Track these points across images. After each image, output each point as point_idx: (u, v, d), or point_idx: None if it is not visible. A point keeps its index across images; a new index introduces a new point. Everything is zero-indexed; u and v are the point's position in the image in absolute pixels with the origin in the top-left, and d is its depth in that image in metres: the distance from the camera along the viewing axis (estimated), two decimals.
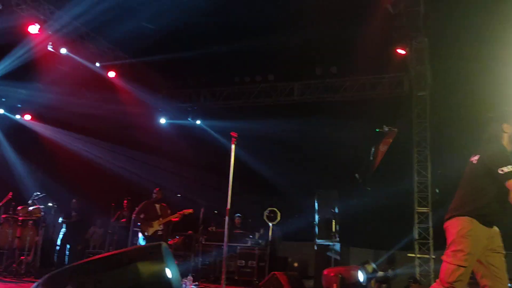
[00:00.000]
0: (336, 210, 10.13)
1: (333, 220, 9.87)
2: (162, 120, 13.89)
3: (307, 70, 12.07)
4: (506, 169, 3.25)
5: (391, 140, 11.20)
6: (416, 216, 10.51)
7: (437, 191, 10.70)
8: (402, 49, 9.46)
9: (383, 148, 11.09)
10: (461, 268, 3.23)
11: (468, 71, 10.76)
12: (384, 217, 13.17)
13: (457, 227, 3.35)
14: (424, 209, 10.45)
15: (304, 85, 12.37)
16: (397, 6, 8.13)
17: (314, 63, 11.91)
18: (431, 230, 10.28)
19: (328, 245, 9.85)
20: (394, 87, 11.57)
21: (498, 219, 3.40)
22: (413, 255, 10.29)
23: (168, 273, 2.56)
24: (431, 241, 10.17)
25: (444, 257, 3.38)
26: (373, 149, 11.04)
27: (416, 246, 10.28)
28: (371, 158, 11.22)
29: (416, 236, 10.35)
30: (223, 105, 13.12)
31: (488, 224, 3.37)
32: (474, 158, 3.55)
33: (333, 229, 9.74)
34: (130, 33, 9.61)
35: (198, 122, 13.81)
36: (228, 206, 5.14)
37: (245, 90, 12.80)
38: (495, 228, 3.42)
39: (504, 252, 3.42)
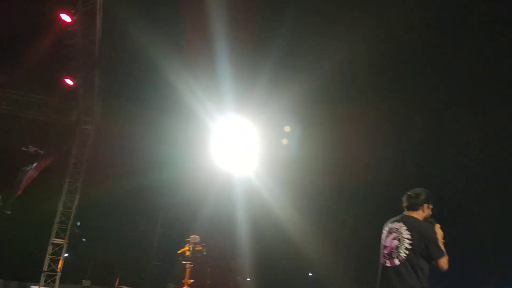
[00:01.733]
0: None
1: None
2: None
3: None
4: None
5: (44, 165, 10.82)
6: (50, 247, 10.28)
7: (78, 224, 10.89)
8: (70, 80, 9.51)
9: (33, 172, 10.57)
10: None
11: (134, 120, 11.81)
12: (20, 245, 12.42)
13: None
14: (60, 241, 10.36)
15: None
16: (71, 37, 8.22)
17: None
18: (61, 262, 10.23)
19: None
20: (62, 114, 11.35)
21: None
22: (36, 287, 9.92)
23: None
24: (59, 274, 10.10)
25: None
26: (20, 173, 10.36)
27: (43, 278, 9.99)
28: (17, 181, 10.49)
29: (45, 267, 10.07)
30: None
31: None
32: None
33: None
34: None
35: None
36: None
37: None
38: None
39: None
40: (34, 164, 10.89)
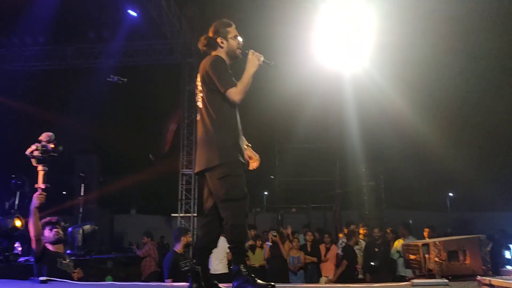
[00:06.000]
0: None
1: None
2: None
3: (79, 33, 11.48)
4: None
5: (178, 117, 11.47)
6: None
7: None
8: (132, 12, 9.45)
9: (173, 126, 11.40)
10: None
11: None
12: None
13: None
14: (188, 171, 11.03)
15: (77, 49, 11.73)
16: None
17: (86, 25, 11.29)
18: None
19: None
20: (166, 54, 11.65)
21: None
22: (176, 215, 10.91)
23: None
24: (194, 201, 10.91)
25: None
26: (163, 131, 11.32)
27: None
28: (162, 138, 11.50)
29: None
30: None
31: None
32: None
33: None
34: None
35: None
36: None
37: None
38: None
39: None
40: (170, 119, 11.69)
